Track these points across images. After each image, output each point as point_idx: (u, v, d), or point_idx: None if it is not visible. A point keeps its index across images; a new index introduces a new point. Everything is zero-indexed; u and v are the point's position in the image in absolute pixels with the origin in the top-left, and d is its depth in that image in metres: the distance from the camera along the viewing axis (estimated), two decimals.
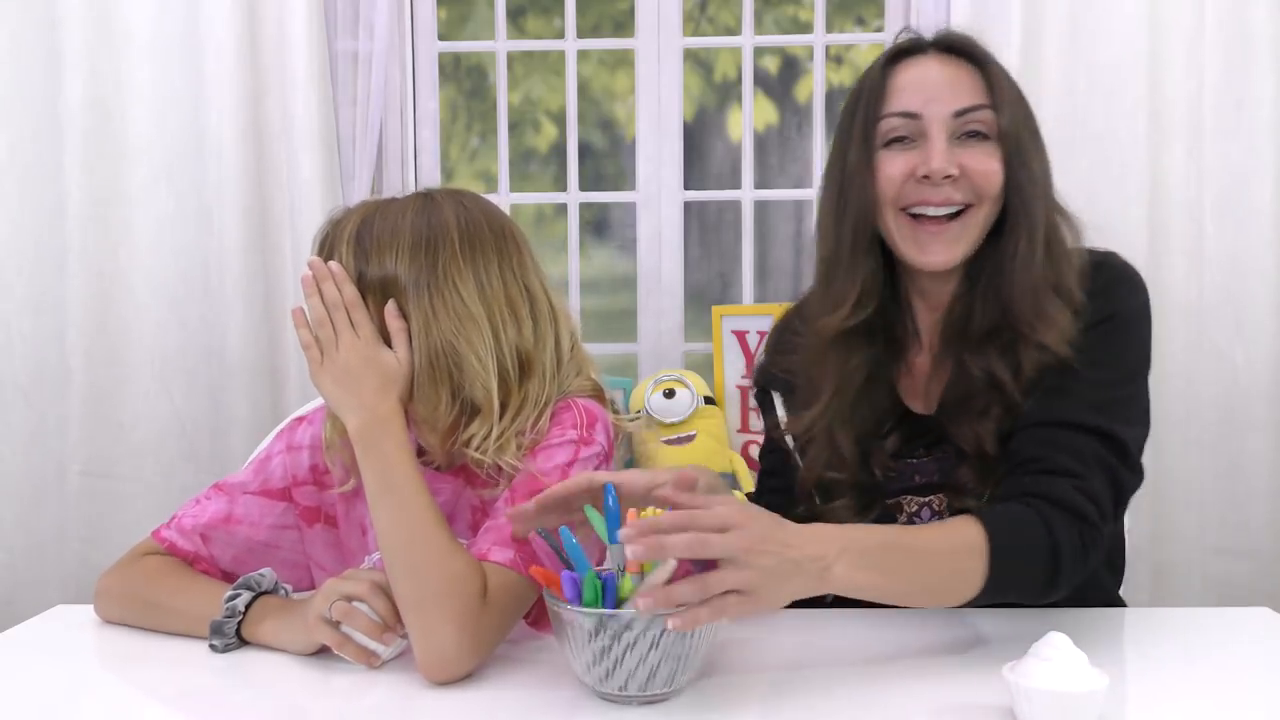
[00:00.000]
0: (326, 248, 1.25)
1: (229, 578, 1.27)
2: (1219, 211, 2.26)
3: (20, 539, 2.28)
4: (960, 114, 1.22)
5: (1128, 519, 1.55)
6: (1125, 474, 1.19)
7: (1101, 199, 2.25)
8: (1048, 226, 1.24)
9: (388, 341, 1.20)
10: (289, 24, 2.23)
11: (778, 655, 1.15)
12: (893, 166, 1.23)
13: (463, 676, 1.09)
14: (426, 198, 1.30)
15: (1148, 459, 2.33)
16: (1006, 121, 1.22)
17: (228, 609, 1.18)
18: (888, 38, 2.50)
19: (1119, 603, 1.39)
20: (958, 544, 1.09)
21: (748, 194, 2.50)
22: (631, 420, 1.38)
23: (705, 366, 2.43)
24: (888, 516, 1.31)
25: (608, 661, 0.98)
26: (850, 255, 1.27)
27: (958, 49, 1.26)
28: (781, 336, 1.41)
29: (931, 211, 1.23)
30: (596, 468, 1.23)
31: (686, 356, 2.51)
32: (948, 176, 1.21)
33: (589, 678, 1.01)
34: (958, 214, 1.23)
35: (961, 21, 2.21)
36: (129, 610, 1.26)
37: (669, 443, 2.27)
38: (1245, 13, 2.23)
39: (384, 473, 1.14)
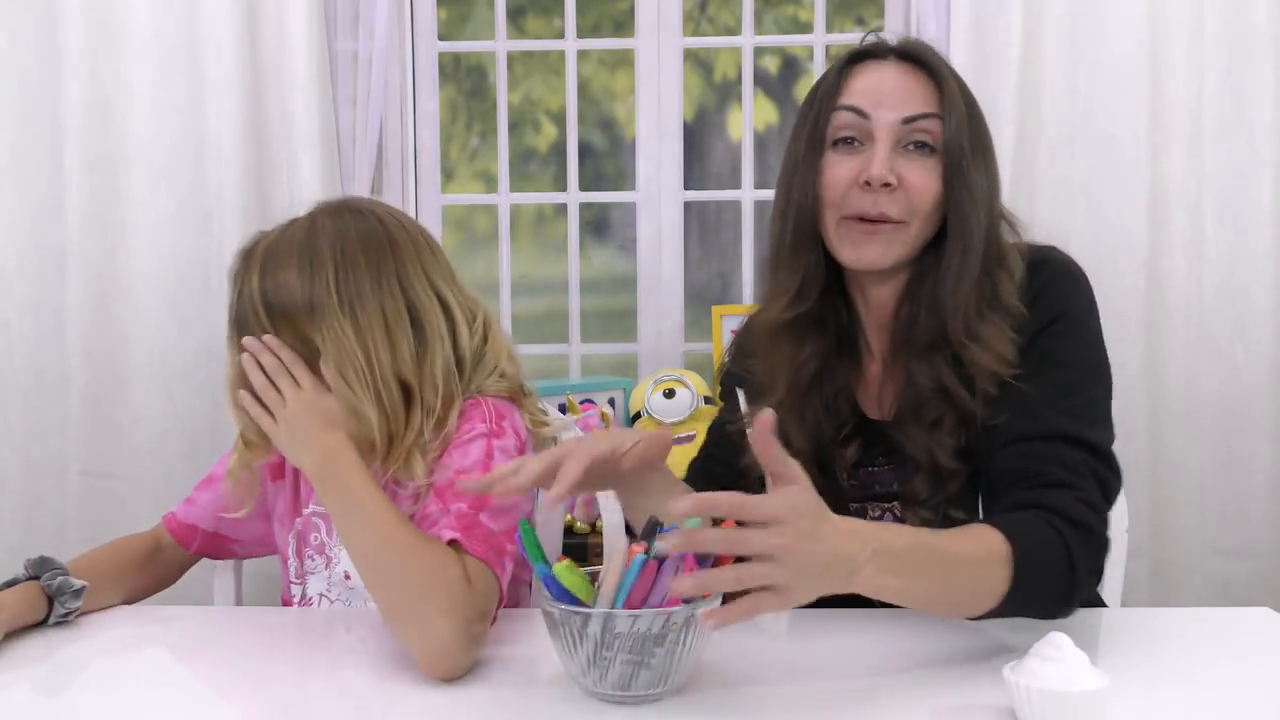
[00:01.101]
0: (238, 280, 1.33)
1: (211, 537, 1.45)
2: (1219, 211, 2.26)
3: (20, 539, 2.28)
4: (908, 120, 1.22)
5: (1127, 518, 1.55)
6: (1110, 478, 1.20)
7: (1102, 199, 2.25)
8: (988, 240, 1.24)
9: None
10: (289, 24, 2.23)
11: (776, 655, 1.15)
12: (837, 170, 1.24)
13: (466, 669, 1.09)
14: (310, 222, 1.32)
15: (1148, 458, 2.34)
16: (951, 133, 1.22)
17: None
18: (888, 38, 2.50)
19: (1098, 601, 1.40)
20: (983, 553, 1.08)
21: (748, 194, 2.50)
22: (549, 423, 1.37)
23: (705, 366, 2.43)
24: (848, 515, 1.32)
25: (601, 661, 0.98)
26: (791, 252, 1.28)
27: (915, 57, 1.26)
28: (743, 340, 1.42)
29: (861, 224, 1.23)
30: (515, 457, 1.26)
31: (686, 356, 2.51)
32: (886, 185, 1.21)
33: (583, 678, 1.01)
34: (894, 222, 1.24)
35: (961, 21, 2.21)
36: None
37: None
38: (1245, 13, 2.23)
39: (343, 495, 1.20)
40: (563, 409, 2.17)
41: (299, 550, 1.40)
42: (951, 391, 1.21)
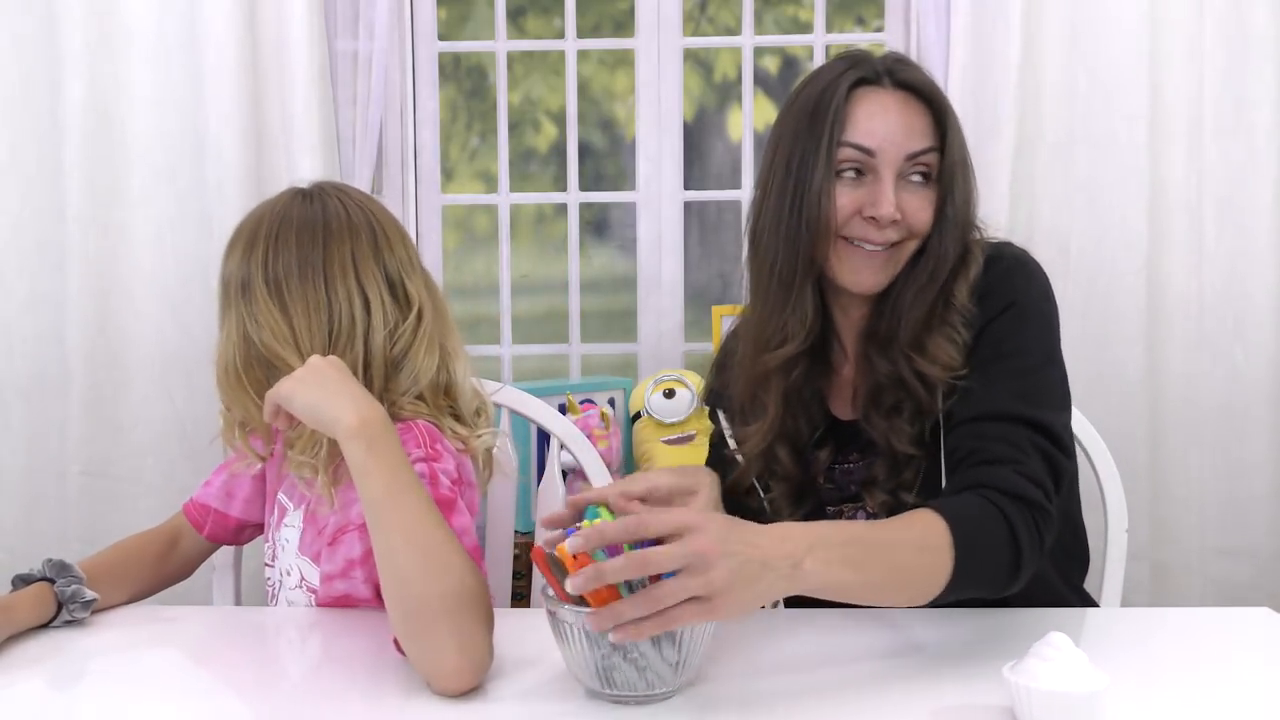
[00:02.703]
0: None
1: (220, 518, 1.46)
2: (1219, 211, 2.26)
3: (20, 539, 2.28)
4: (912, 157, 1.25)
5: (1127, 518, 1.55)
6: (1060, 458, 1.20)
7: (1102, 199, 2.25)
8: (958, 249, 1.27)
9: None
10: (289, 24, 2.23)
11: (776, 655, 1.15)
12: (844, 199, 1.26)
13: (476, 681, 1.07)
14: (271, 203, 1.37)
15: (1148, 459, 2.34)
16: (948, 165, 1.26)
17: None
18: (888, 38, 2.50)
19: (1089, 600, 1.40)
20: (922, 536, 1.08)
21: (748, 194, 2.50)
22: (481, 436, 1.35)
23: (705, 367, 2.41)
24: (823, 518, 1.34)
25: (605, 662, 0.98)
26: (800, 283, 1.28)
27: (916, 89, 1.27)
28: (724, 359, 1.45)
29: (869, 247, 1.26)
30: (455, 482, 1.24)
31: (686, 356, 2.51)
32: (892, 221, 1.24)
33: (587, 678, 1.01)
34: (892, 244, 1.27)
35: (961, 22, 2.21)
36: None
37: (669, 443, 2.27)
38: (1245, 13, 2.23)
39: (396, 470, 1.10)
40: (563, 409, 2.17)
41: (273, 532, 1.41)
42: (907, 382, 1.25)
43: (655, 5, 2.46)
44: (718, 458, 1.43)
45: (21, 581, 1.27)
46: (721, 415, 1.42)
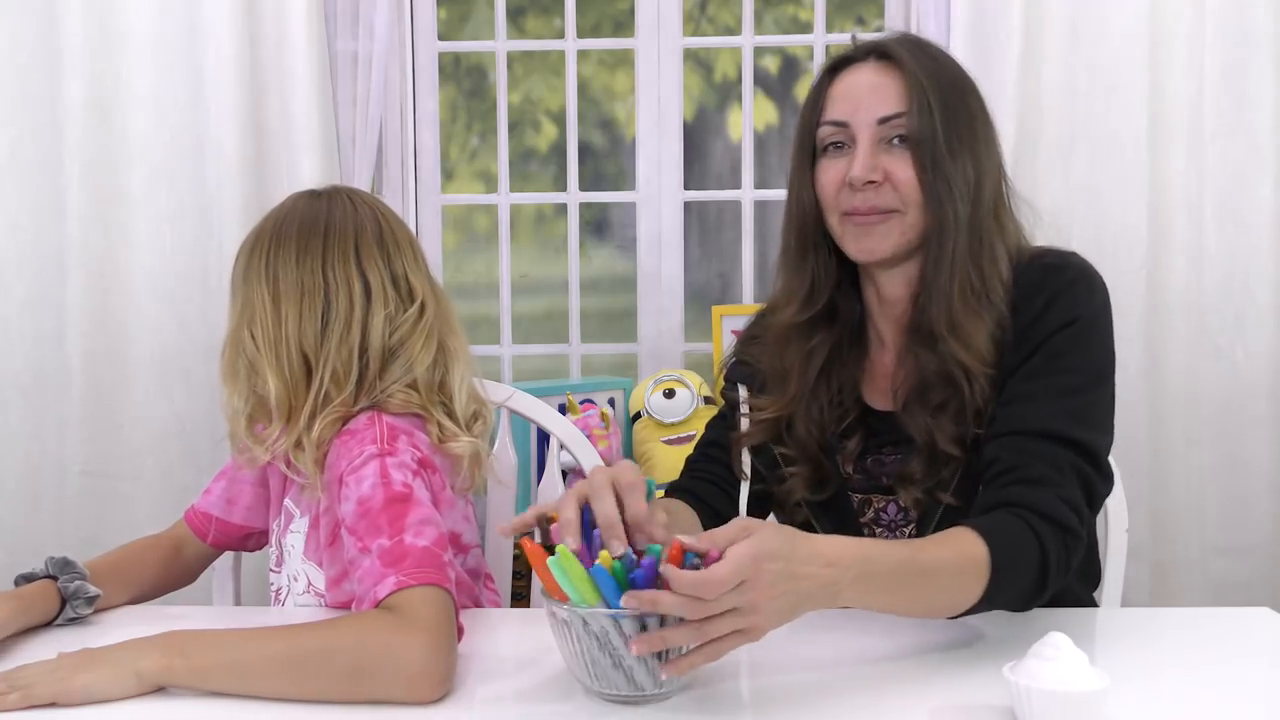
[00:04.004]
0: None
1: (224, 525, 1.46)
2: (1219, 211, 2.26)
3: (20, 539, 2.28)
4: (883, 120, 1.26)
5: (1127, 518, 1.55)
6: (1098, 482, 1.21)
7: (1101, 199, 2.25)
8: (974, 232, 1.26)
9: None
10: (289, 24, 2.23)
11: (776, 655, 1.15)
12: (828, 174, 1.29)
13: (451, 683, 1.07)
14: (282, 203, 1.39)
15: (1148, 458, 2.34)
16: (915, 128, 1.25)
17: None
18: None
19: (1089, 603, 1.40)
20: (963, 562, 1.11)
21: (748, 194, 2.50)
22: (458, 438, 1.33)
23: (705, 366, 2.43)
24: (850, 509, 1.34)
25: (603, 662, 0.98)
26: (797, 255, 1.34)
27: (890, 54, 1.28)
28: (750, 332, 1.46)
29: (858, 217, 1.27)
30: (415, 474, 1.23)
31: (686, 356, 2.51)
32: (870, 182, 1.25)
33: (586, 678, 1.01)
34: (887, 212, 1.27)
35: (961, 21, 2.21)
36: None
37: (669, 443, 2.27)
38: (1245, 13, 2.23)
39: (219, 648, 1.09)
40: (563, 409, 2.17)
41: (279, 538, 1.41)
42: (952, 376, 1.24)
43: (655, 5, 2.46)
44: (723, 426, 1.43)
45: (25, 580, 1.27)
46: (741, 387, 1.42)
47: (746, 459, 1.38)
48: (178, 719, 1.04)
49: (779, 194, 2.55)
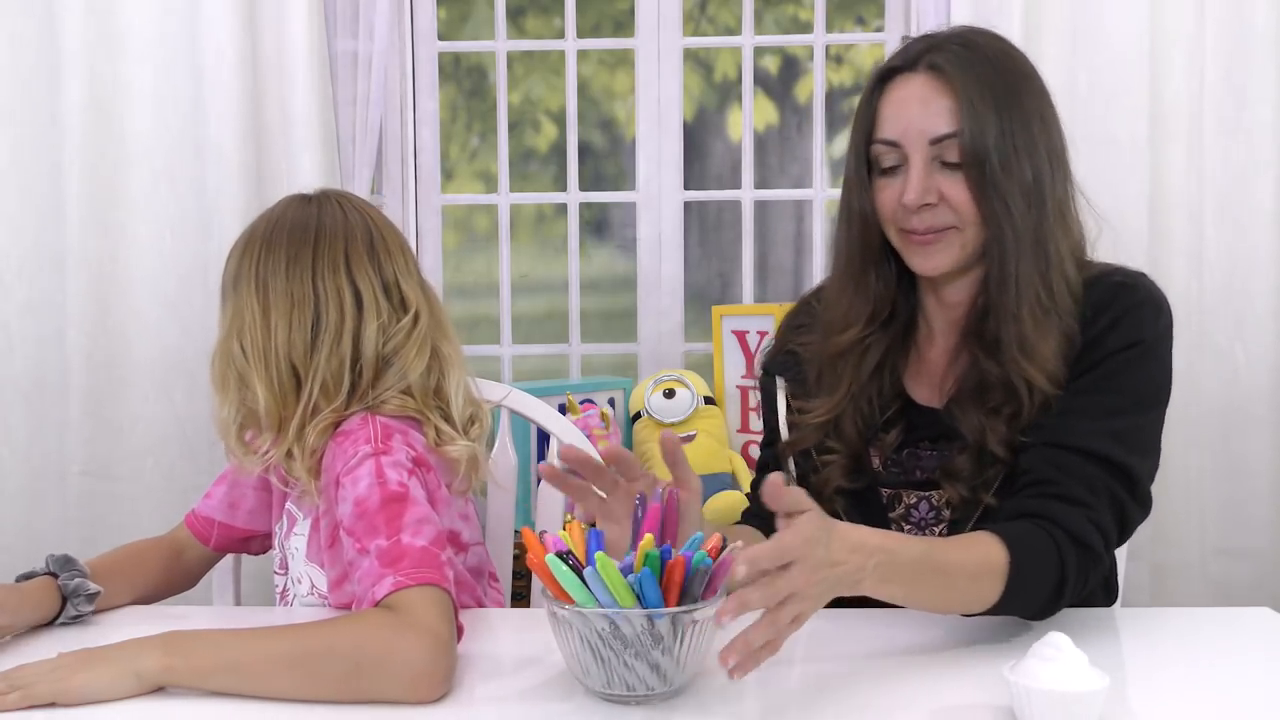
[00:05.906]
0: None
1: (226, 529, 1.45)
2: (1219, 211, 2.26)
3: (20, 539, 2.28)
4: (935, 141, 1.25)
5: None
6: (1133, 508, 1.22)
7: (1101, 199, 2.22)
8: (1038, 244, 1.25)
9: None
10: (289, 24, 2.23)
11: (777, 655, 1.15)
12: (884, 194, 1.29)
13: (450, 683, 1.08)
14: (273, 207, 1.38)
15: None
16: (969, 152, 1.23)
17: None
18: (888, 37, 2.50)
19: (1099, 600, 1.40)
20: (982, 565, 1.12)
21: (748, 194, 2.50)
22: (455, 441, 1.33)
23: (705, 366, 2.43)
24: (879, 503, 1.33)
25: (605, 662, 0.98)
26: (860, 270, 1.33)
27: (939, 67, 1.26)
28: (797, 319, 1.45)
29: (915, 236, 1.28)
30: (410, 473, 1.23)
31: (686, 356, 2.51)
32: (926, 205, 1.25)
33: (586, 678, 1.01)
34: (945, 229, 1.27)
35: (961, 22, 2.20)
36: None
37: None
38: (1245, 13, 2.22)
39: (218, 647, 1.09)
40: (563, 409, 2.17)
41: (283, 541, 1.41)
42: (1017, 389, 1.24)
43: (655, 5, 2.46)
44: (772, 424, 1.44)
45: (25, 579, 1.27)
46: (780, 382, 1.42)
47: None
48: (178, 719, 1.05)
49: (779, 194, 2.56)
